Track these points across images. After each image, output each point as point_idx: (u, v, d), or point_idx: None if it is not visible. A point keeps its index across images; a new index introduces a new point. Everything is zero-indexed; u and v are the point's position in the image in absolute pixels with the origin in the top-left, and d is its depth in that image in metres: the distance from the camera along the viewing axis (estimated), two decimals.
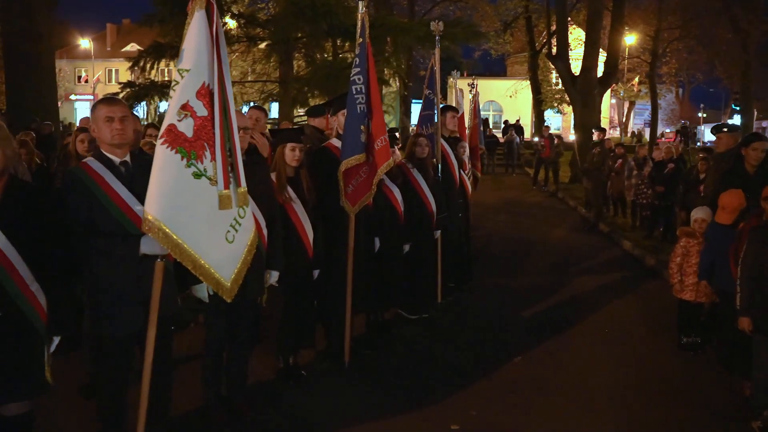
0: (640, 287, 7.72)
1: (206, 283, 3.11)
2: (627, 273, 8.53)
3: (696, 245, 5.31)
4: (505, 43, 34.38)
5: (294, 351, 4.72)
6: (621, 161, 12.53)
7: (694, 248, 5.33)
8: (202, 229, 2.99)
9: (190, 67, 2.94)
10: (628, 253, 9.94)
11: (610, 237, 11.22)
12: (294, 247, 4.48)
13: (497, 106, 46.40)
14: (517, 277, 8.12)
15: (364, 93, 4.54)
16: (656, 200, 10.61)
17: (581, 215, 13.73)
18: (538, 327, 6.13)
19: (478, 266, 8.40)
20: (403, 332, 5.88)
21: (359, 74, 4.54)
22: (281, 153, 4.48)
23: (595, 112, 19.10)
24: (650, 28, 31.58)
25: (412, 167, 6.06)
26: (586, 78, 19.22)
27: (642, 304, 7.00)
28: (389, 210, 5.57)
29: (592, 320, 6.35)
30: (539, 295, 7.20)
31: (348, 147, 4.53)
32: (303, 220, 4.52)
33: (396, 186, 5.64)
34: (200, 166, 2.95)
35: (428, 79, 6.61)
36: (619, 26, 20.28)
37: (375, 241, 5.30)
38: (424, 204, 6.06)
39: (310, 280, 4.68)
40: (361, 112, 4.53)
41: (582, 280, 7.92)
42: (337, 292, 4.92)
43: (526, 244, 10.43)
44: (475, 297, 7.07)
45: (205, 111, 2.98)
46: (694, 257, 5.32)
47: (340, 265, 4.85)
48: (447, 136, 6.76)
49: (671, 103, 48.46)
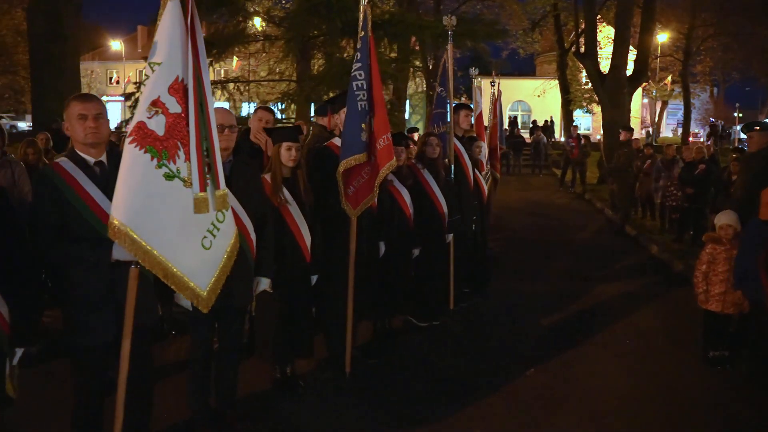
0: (666, 294, 7.34)
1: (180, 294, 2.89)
2: (653, 279, 8.14)
3: (723, 252, 4.96)
4: (534, 42, 33.90)
5: (291, 361, 4.50)
6: (649, 162, 12.10)
7: (720, 255, 4.98)
8: (174, 234, 2.77)
9: (161, 60, 2.73)
10: (655, 257, 9.53)
11: (637, 240, 10.80)
12: (290, 252, 4.27)
13: (526, 106, 45.78)
14: (536, 282, 7.80)
15: (365, 89, 4.29)
16: (686, 202, 10.19)
17: (608, 217, 13.30)
18: (555, 336, 5.82)
19: (496, 271, 8.10)
20: (411, 341, 5.62)
21: (360, 69, 4.30)
22: (276, 153, 4.27)
23: (624, 112, 18.57)
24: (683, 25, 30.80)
25: (422, 168, 5.80)
26: (615, 76, 18.70)
27: (667, 312, 6.63)
28: (397, 213, 5.32)
29: (612, 330, 6.01)
30: (558, 301, 6.88)
31: (347, 146, 4.29)
32: (299, 224, 4.30)
33: (405, 188, 5.39)
34: (173, 167, 2.74)
35: (440, 75, 6.34)
36: (650, 23, 19.73)
37: (380, 245, 5.06)
38: (434, 206, 5.80)
39: (308, 287, 4.46)
40: (362, 109, 4.29)
41: (604, 287, 7.57)
42: (337, 299, 4.69)
43: (548, 247, 10.08)
44: (490, 303, 6.78)
45: (179, 107, 2.76)
46: (721, 265, 4.96)
47: (341, 270, 4.61)
48: (461, 135, 6.48)
49: (705, 103, 47.25)
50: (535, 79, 40.31)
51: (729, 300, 4.94)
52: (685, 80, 30.33)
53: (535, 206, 14.98)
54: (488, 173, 8.28)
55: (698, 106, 44.76)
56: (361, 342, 5.36)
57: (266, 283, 3.87)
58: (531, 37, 33.10)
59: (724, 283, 4.96)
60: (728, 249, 4.95)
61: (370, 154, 4.37)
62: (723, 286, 4.96)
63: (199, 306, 2.93)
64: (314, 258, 4.42)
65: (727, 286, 4.94)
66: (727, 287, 4.94)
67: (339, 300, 4.67)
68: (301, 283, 4.39)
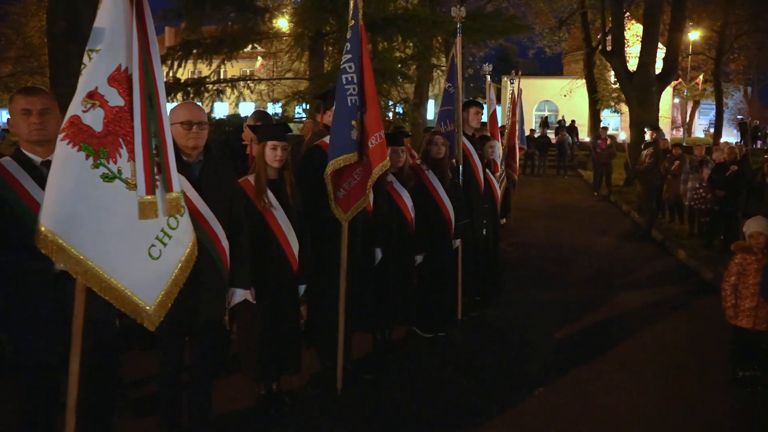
0: (693, 305, 6.85)
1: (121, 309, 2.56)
2: (679, 287, 7.64)
3: (754, 263, 4.49)
4: (560, 41, 33.19)
5: (276, 377, 4.16)
6: (678, 163, 11.55)
7: (751, 266, 4.51)
8: (113, 243, 2.45)
9: (100, 47, 2.41)
10: (682, 264, 9.01)
11: (663, 246, 10.27)
12: (274, 260, 3.93)
13: (553, 105, 44.98)
14: (553, 290, 7.35)
15: (356, 83, 3.93)
16: (716, 206, 9.65)
17: (633, 221, 12.75)
18: (569, 351, 5.39)
19: (511, 277, 7.69)
20: (414, 354, 5.24)
21: (350, 62, 3.94)
22: (261, 152, 3.94)
23: (652, 111, 17.90)
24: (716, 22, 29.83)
25: (427, 169, 5.43)
26: (643, 75, 18.05)
27: (694, 325, 6.15)
28: (397, 217, 4.95)
29: (632, 345, 5.55)
30: (575, 312, 6.43)
31: (336, 145, 3.94)
32: (285, 230, 3.96)
33: (406, 190, 5.02)
34: (113, 167, 2.42)
35: (448, 71, 5.96)
36: (681, 20, 19.02)
37: (376, 252, 4.70)
38: (440, 210, 5.42)
39: (295, 297, 4.12)
40: (352, 105, 3.93)
41: (626, 296, 7.09)
42: (328, 310, 4.34)
43: (568, 252, 9.60)
44: (501, 313, 6.36)
45: (121, 100, 2.44)
46: (752, 277, 4.50)
47: (332, 279, 4.27)
48: (470, 134, 6.08)
49: (739, 102, 45.86)
50: (563, 78, 39.53)
51: (761, 315, 4.49)
52: (717, 79, 29.33)
53: (557, 209, 14.47)
54: (503, 174, 7.89)
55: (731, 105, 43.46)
56: (359, 355, 5.03)
57: (242, 294, 3.55)
58: (558, 36, 32.41)
59: (755, 296, 4.50)
60: (760, 259, 4.49)
61: (361, 153, 4.02)
62: (754, 300, 4.50)
63: (144, 323, 2.60)
64: (302, 266, 4.08)
65: (758, 300, 4.49)
66: (759, 301, 4.48)
67: (330, 311, 4.33)
68: (287, 293, 4.05)
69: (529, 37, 33.84)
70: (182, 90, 9.80)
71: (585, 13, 28.43)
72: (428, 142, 5.46)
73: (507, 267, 8.31)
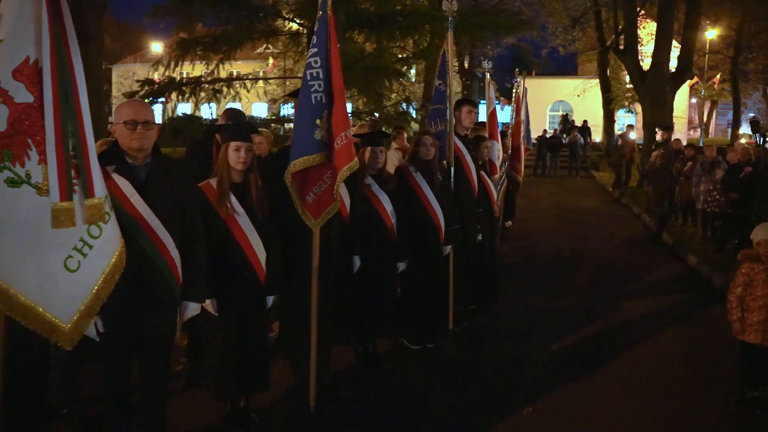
0: (701, 315, 6.48)
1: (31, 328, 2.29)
2: (688, 295, 7.27)
3: (762, 272, 4.14)
4: (574, 41, 32.68)
5: (242, 393, 3.89)
6: (690, 164, 11.15)
7: (759, 276, 4.16)
8: (21, 255, 2.18)
9: (4, 36, 2.14)
10: (692, 269, 8.62)
11: (674, 250, 9.87)
12: (238, 269, 3.66)
13: (567, 106, 44.41)
14: (554, 298, 7.00)
15: (322, 79, 3.64)
16: (729, 208, 9.26)
17: (644, 224, 12.35)
18: (564, 365, 5.06)
19: (510, 284, 7.38)
20: (399, 367, 4.94)
21: (316, 56, 3.65)
22: (224, 154, 3.67)
23: (666, 111, 17.43)
24: (734, 20, 29.18)
25: (414, 171, 5.12)
26: (656, 73, 17.59)
27: (701, 338, 5.79)
28: (375, 222, 4.65)
29: (633, 359, 5.21)
30: (574, 322, 6.10)
31: (298, 145, 3.64)
32: (250, 237, 3.68)
33: (385, 193, 4.72)
34: (20, 171, 2.15)
35: (439, 67, 5.64)
36: (696, 17, 18.51)
37: (354, 260, 4.40)
38: (428, 214, 5.11)
39: (262, 309, 3.84)
40: (317, 102, 3.64)
41: (630, 304, 6.73)
42: (299, 321, 4.06)
43: (574, 257, 9.24)
44: (496, 323, 6.03)
45: (29, 96, 2.17)
46: (760, 288, 4.15)
47: (303, 290, 3.98)
48: (463, 134, 5.77)
49: (758, 102, 44.99)
50: (576, 78, 39.01)
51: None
52: (734, 78, 28.70)
53: (566, 211, 14.09)
54: (503, 177, 7.56)
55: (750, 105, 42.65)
56: (340, 369, 4.75)
57: (195, 308, 3.28)
58: (571, 35, 31.91)
59: (763, 309, 4.15)
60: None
61: (330, 154, 3.73)
62: (762, 313, 4.15)
63: (59, 343, 2.33)
64: (270, 276, 3.80)
65: (767, 314, 4.14)
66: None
67: (302, 323, 4.04)
68: (252, 305, 3.77)
69: (542, 36, 33.48)
70: (177, 89, 9.57)
71: (599, 12, 27.90)
72: (416, 143, 5.16)
73: (507, 273, 8.01)
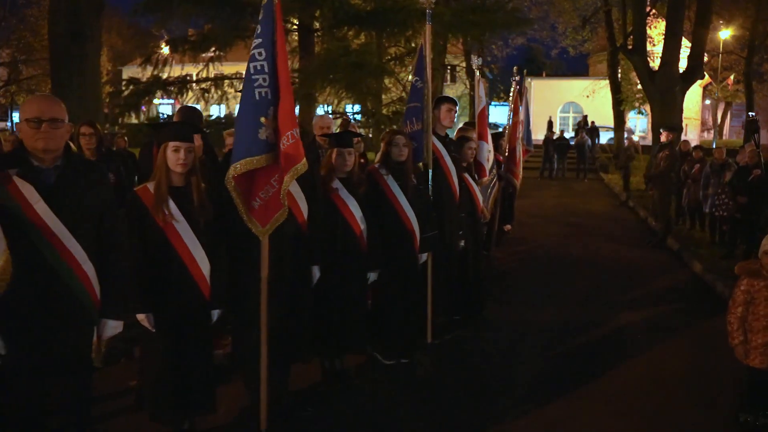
0: (702, 328, 6.04)
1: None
2: (690, 305, 6.84)
3: (764, 289, 3.72)
4: (584, 41, 32.15)
5: (183, 416, 3.54)
6: (699, 166, 10.70)
7: (761, 293, 3.74)
8: None
9: None
10: (697, 277, 8.18)
11: (679, 256, 9.42)
12: (177, 282, 3.33)
13: (577, 107, 43.84)
14: (546, 308, 6.58)
15: (267, 72, 3.29)
16: (737, 212, 8.80)
17: (650, 228, 11.89)
18: (549, 383, 4.67)
19: (502, 293, 7.00)
20: (370, 384, 4.58)
21: (261, 47, 3.30)
22: (162, 155, 3.33)
23: (675, 112, 16.98)
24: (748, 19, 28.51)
25: (386, 174, 4.76)
26: (665, 73, 17.15)
27: (700, 354, 5.35)
28: (343, 229, 4.30)
29: (624, 376, 4.81)
30: (565, 335, 5.70)
31: (241, 146, 3.30)
32: (191, 246, 3.35)
33: (354, 198, 4.36)
34: None
35: (416, 62, 5.28)
36: (707, 15, 18.00)
37: (313, 270, 4.04)
38: (400, 220, 4.74)
39: (205, 325, 3.49)
40: (261, 98, 3.29)
41: (626, 316, 6.30)
42: (249, 338, 3.71)
43: (573, 263, 8.82)
44: (480, 336, 5.64)
45: None
46: (763, 306, 3.73)
47: (253, 303, 3.63)
48: (443, 134, 5.40)
49: None
50: (587, 79, 38.46)
51: None
52: (748, 79, 27.97)
53: (570, 214, 13.65)
54: (494, 180, 7.18)
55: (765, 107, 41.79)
56: (305, 386, 4.40)
57: (115, 326, 2.94)
58: (581, 35, 31.39)
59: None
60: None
61: (277, 155, 3.37)
62: None
63: None
64: (215, 289, 3.47)
65: None
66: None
67: (252, 339, 3.69)
68: (194, 321, 3.43)
69: (551, 37, 32.99)
70: (162, 89, 9.28)
71: (609, 11, 27.39)
72: (388, 143, 4.79)
73: (500, 280, 7.63)
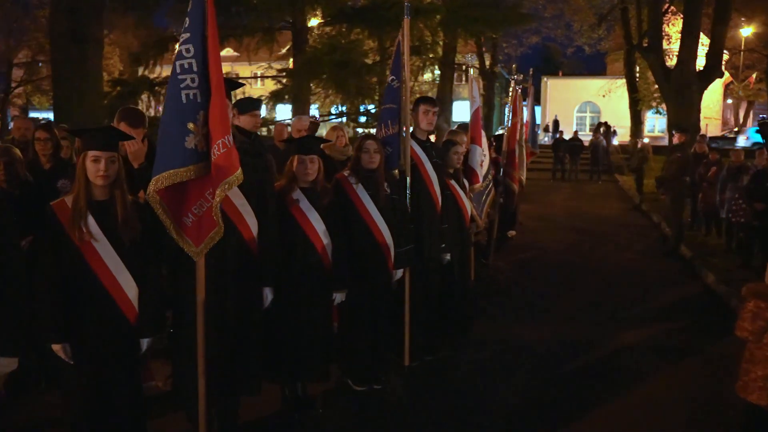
0: (709, 349, 5.52)
1: None
2: (699, 321, 6.33)
3: None
4: (600, 39, 31.47)
5: None
6: (714, 169, 10.14)
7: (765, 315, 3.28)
8: None
9: None
10: (709, 289, 7.65)
11: (691, 265, 8.88)
12: (97, 308, 2.96)
13: (594, 107, 43.09)
14: (540, 325, 6.11)
15: (196, 72, 2.90)
16: (755, 219, 8.26)
17: (663, 234, 11.34)
18: (534, 414, 4.22)
19: (494, 307, 6.57)
20: (336, 412, 4.17)
21: (189, 43, 2.90)
22: (81, 166, 2.96)
23: (692, 112, 16.37)
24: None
25: (355, 182, 4.34)
26: (682, 72, 16.55)
27: (705, 379, 4.87)
28: (302, 245, 3.89)
29: (618, 406, 4.34)
30: (559, 356, 5.24)
31: (164, 156, 2.91)
32: (112, 267, 2.98)
33: (317, 209, 3.95)
34: None
35: (393, 60, 4.85)
36: (726, 12, 17.36)
37: (264, 292, 3.64)
38: (371, 233, 4.32)
39: (131, 354, 3.11)
40: (189, 101, 2.89)
41: (627, 335, 5.79)
42: (188, 368, 3.32)
43: (575, 273, 8.33)
44: (464, 358, 5.17)
45: None
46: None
47: (190, 330, 3.25)
48: (424, 139, 4.97)
49: None
50: (603, 78, 37.73)
51: None
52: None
53: (579, 219, 13.12)
54: (488, 186, 6.74)
55: None
56: (262, 416, 4.01)
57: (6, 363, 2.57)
58: (597, 34, 30.72)
59: None
60: None
61: (207, 166, 2.98)
62: None
63: None
64: (144, 315, 3.09)
65: None
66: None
67: (191, 370, 3.31)
68: (118, 350, 3.05)
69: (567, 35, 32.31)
70: (149, 90, 8.97)
71: (625, 9, 26.74)
72: (357, 149, 4.38)
73: (494, 293, 7.18)
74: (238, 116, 4.36)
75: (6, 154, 4.14)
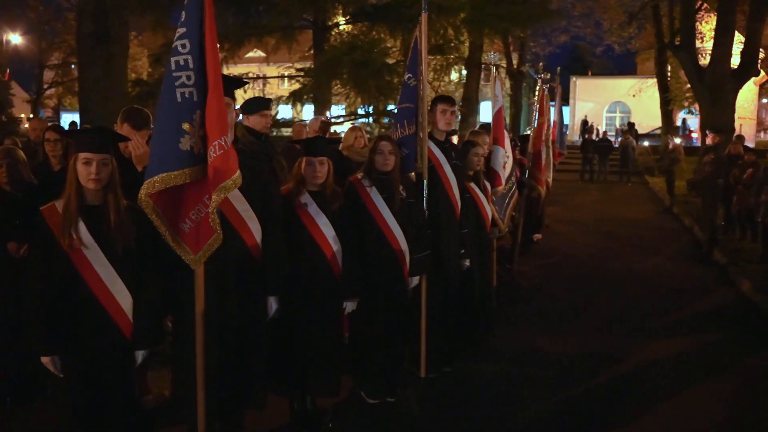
0: (742, 364, 5.16)
1: None
2: (734, 334, 5.97)
3: None
4: (630, 38, 30.85)
5: None
6: (750, 171, 9.72)
7: None
8: None
9: None
10: (745, 298, 7.28)
11: (725, 271, 8.50)
12: (88, 318, 2.81)
13: (624, 107, 42.37)
14: (563, 335, 5.81)
15: (192, 69, 2.72)
16: None
17: (696, 238, 10.92)
18: (556, 428, 3.98)
19: (517, 315, 6.31)
20: (347, 427, 3.98)
21: (185, 37, 2.72)
22: (72, 169, 2.81)
23: (726, 112, 15.82)
24: None
25: (369, 185, 4.14)
26: (715, 71, 16.00)
27: (744, 397, 4.55)
28: (311, 252, 3.70)
29: (646, 425, 4.07)
30: (582, 369, 4.96)
31: (158, 158, 2.73)
32: (104, 276, 2.83)
33: (327, 214, 3.76)
34: None
35: (410, 57, 4.63)
36: (763, 7, 16.74)
37: (269, 302, 3.45)
38: (385, 239, 4.11)
39: (125, 366, 2.95)
40: (185, 100, 2.71)
41: (654, 347, 5.47)
42: (187, 381, 3.15)
43: (603, 280, 8.00)
44: (482, 370, 4.92)
45: None
46: None
47: (190, 341, 3.07)
48: (442, 139, 4.75)
49: None
50: (634, 77, 37.02)
51: None
52: None
53: (607, 222, 12.74)
54: (512, 189, 6.49)
55: None
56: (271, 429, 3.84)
57: None
58: (627, 32, 30.10)
59: None
60: None
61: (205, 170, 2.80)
62: None
63: None
64: (140, 326, 2.93)
65: None
66: None
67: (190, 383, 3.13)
68: (112, 363, 2.90)
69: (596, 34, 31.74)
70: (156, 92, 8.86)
71: (656, 6, 26.12)
72: (372, 150, 4.17)
73: (518, 300, 6.92)
74: (247, 117, 4.23)
75: (9, 156, 4.03)
